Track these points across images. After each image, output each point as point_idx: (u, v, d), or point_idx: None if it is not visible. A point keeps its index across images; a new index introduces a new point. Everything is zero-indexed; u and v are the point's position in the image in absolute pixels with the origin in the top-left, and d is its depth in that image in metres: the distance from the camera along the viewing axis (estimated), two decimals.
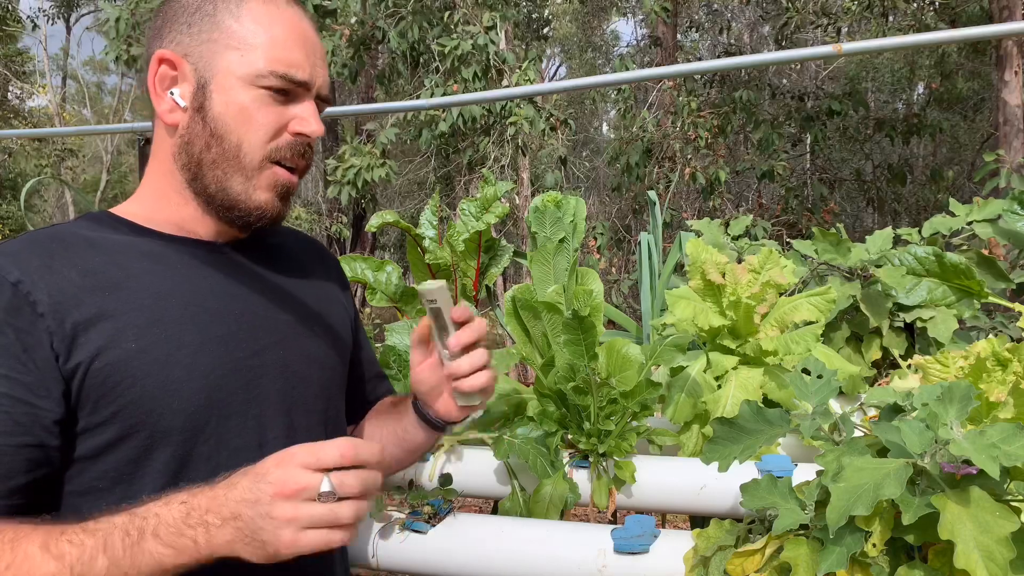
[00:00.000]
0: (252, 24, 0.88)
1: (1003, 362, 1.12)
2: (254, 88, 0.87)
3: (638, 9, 9.94)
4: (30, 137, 13.61)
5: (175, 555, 0.71)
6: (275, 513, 0.70)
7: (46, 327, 0.77)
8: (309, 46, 0.91)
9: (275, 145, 0.89)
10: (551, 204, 1.72)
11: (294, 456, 0.72)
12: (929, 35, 1.42)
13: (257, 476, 0.72)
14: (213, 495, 0.73)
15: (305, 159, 0.93)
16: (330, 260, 1.13)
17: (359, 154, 6.93)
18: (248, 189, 0.89)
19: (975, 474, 0.80)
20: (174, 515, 0.72)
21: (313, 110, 0.91)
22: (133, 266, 0.85)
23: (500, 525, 1.24)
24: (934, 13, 8.87)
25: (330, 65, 6.86)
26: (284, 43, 0.88)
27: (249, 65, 0.87)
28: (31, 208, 16.97)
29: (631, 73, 5.13)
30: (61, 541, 0.71)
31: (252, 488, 0.71)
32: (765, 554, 0.94)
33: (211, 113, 0.87)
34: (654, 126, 8.50)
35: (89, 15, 21.05)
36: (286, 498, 0.70)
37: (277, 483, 0.71)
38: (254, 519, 0.71)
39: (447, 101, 2.39)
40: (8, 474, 0.75)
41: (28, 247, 0.82)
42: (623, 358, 1.44)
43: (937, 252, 1.67)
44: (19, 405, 0.75)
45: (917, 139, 9.87)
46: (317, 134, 0.91)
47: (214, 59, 0.88)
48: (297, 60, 0.89)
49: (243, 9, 0.89)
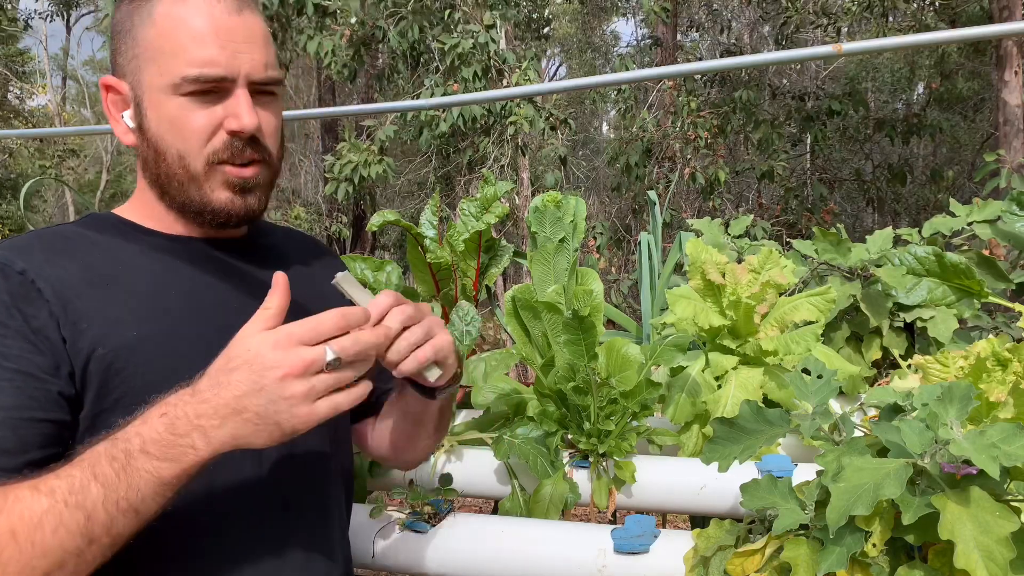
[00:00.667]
0: (162, 31, 0.86)
1: (1003, 362, 1.12)
2: (176, 96, 0.86)
3: (638, 9, 9.94)
4: (30, 137, 13.62)
5: (172, 465, 0.71)
6: (288, 393, 0.71)
7: (51, 312, 0.79)
8: (224, 34, 0.86)
9: (212, 148, 0.87)
10: (551, 204, 1.72)
11: (292, 335, 0.73)
12: (929, 35, 1.43)
13: (252, 366, 0.72)
14: (199, 399, 0.72)
15: (250, 153, 0.89)
16: (328, 258, 1.14)
17: (356, 150, 6.92)
18: (204, 194, 0.89)
19: (975, 474, 0.80)
20: (157, 429, 0.72)
21: (243, 103, 0.87)
22: (132, 261, 0.88)
23: (500, 525, 1.24)
24: (934, 13, 8.87)
25: (330, 65, 6.86)
26: (193, 43, 0.85)
27: (165, 75, 0.86)
28: (31, 208, 16.98)
29: (631, 73, 5.13)
30: (49, 479, 0.71)
31: (252, 379, 0.71)
32: (765, 554, 0.94)
33: (150, 131, 0.89)
34: (654, 126, 8.51)
35: (89, 15, 21.06)
36: (297, 376, 0.71)
37: (283, 365, 0.71)
38: (265, 406, 0.71)
39: (447, 101, 2.39)
40: (23, 447, 0.75)
41: (32, 243, 0.85)
42: (623, 358, 1.44)
43: (937, 252, 1.67)
44: (32, 381, 0.77)
45: (917, 139, 9.88)
46: (248, 128, 0.87)
47: (141, 76, 0.88)
48: (209, 56, 0.85)
49: (155, 15, 0.87)
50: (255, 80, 0.88)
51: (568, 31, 17.59)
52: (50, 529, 0.68)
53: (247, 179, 0.90)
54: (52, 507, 0.69)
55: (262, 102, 0.90)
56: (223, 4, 0.87)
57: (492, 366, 1.60)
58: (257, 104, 0.89)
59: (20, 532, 0.68)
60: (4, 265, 0.81)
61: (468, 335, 1.56)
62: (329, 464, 0.99)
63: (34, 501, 0.69)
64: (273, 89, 0.91)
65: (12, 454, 0.74)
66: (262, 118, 0.89)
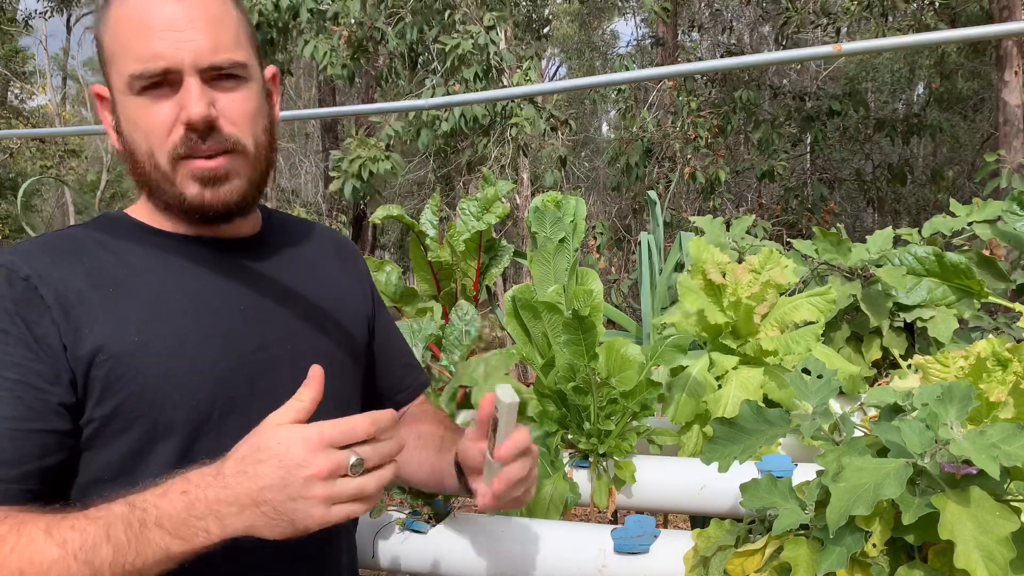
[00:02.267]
0: (113, 33, 0.86)
1: (1003, 362, 1.12)
2: (133, 96, 0.85)
3: (638, 9, 9.95)
4: (30, 137, 13.61)
5: (183, 543, 0.72)
6: (310, 493, 0.71)
7: (52, 319, 0.79)
8: (162, 24, 0.83)
9: (171, 143, 0.85)
10: (551, 204, 1.72)
11: (324, 436, 0.72)
12: (929, 35, 1.42)
13: (282, 460, 0.71)
14: (221, 484, 0.72)
15: (211, 145, 0.85)
16: (348, 253, 1.12)
17: (364, 146, 6.90)
18: (176, 190, 0.88)
19: (975, 474, 0.80)
20: (176, 507, 0.72)
21: (191, 92, 0.83)
22: (138, 264, 0.88)
23: (500, 525, 1.24)
24: (934, 13, 8.87)
25: (328, 67, 6.85)
26: (136, 39, 0.83)
27: (121, 76, 0.85)
28: (31, 208, 16.98)
29: (631, 73, 5.13)
30: (63, 527, 0.71)
31: (280, 474, 0.71)
32: (765, 554, 0.94)
33: (122, 133, 0.89)
34: (654, 126, 8.50)
35: (89, 15, 21.05)
36: (323, 479, 0.71)
37: (312, 465, 0.71)
38: (284, 503, 0.71)
39: (448, 101, 2.38)
40: (22, 458, 0.76)
41: (40, 247, 0.85)
42: (623, 358, 1.44)
43: (937, 252, 1.67)
44: (31, 391, 0.77)
45: (917, 139, 9.87)
46: (195, 117, 0.83)
47: (110, 80, 0.89)
48: (151, 50, 0.83)
49: (108, 20, 0.87)
50: (205, 66, 0.84)
51: (568, 31, 17.59)
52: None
53: (213, 170, 0.86)
54: (62, 558, 0.70)
55: (224, 87, 0.86)
56: None
57: (492, 366, 1.60)
58: (218, 90, 0.86)
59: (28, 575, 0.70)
60: (10, 272, 0.81)
61: (468, 335, 1.56)
62: None
63: (46, 547, 0.70)
64: (235, 72, 0.87)
65: (10, 465, 0.75)
66: (224, 104, 0.86)
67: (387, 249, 14.51)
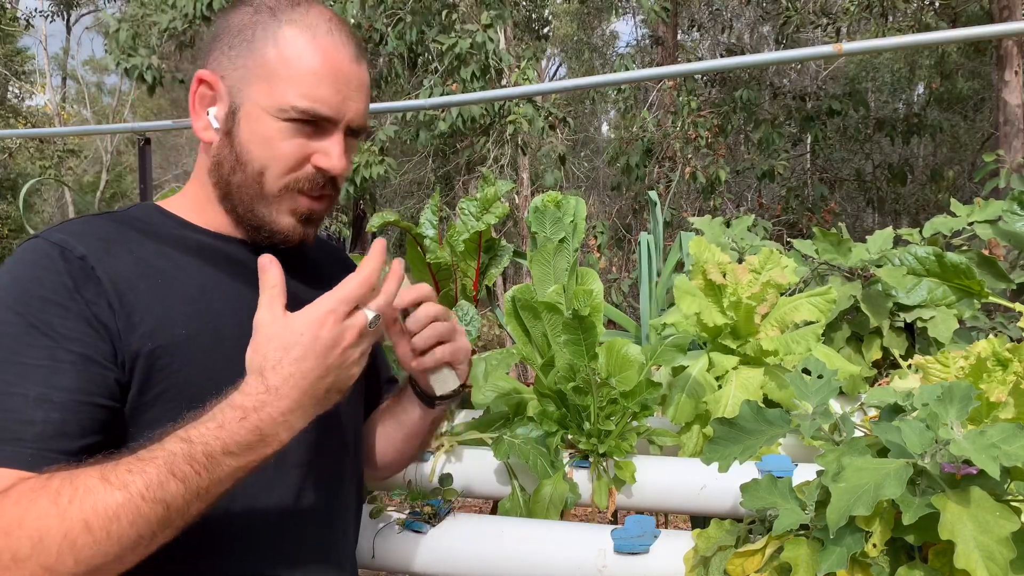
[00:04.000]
0: (284, 54, 0.88)
1: (1003, 362, 1.12)
2: (279, 120, 0.88)
3: (638, 9, 9.94)
4: (30, 137, 13.61)
5: (256, 458, 0.76)
6: (348, 361, 0.80)
7: (108, 303, 0.80)
8: (342, 79, 0.90)
9: (295, 176, 0.90)
10: (551, 204, 1.72)
11: (336, 313, 0.79)
12: (929, 35, 1.42)
13: (316, 351, 0.77)
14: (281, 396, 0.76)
15: (328, 190, 0.93)
16: (350, 267, 1.14)
17: (358, 151, 6.94)
18: (271, 214, 0.92)
19: (975, 474, 0.80)
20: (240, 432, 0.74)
21: (338, 145, 0.91)
22: (181, 259, 0.89)
23: (500, 525, 1.24)
24: (934, 13, 8.87)
25: None
26: (312, 77, 0.88)
27: (275, 98, 0.87)
28: (31, 208, 16.97)
29: (631, 73, 5.13)
30: (120, 471, 0.71)
31: (321, 363, 0.77)
32: (765, 554, 0.94)
33: (238, 139, 0.90)
34: (654, 126, 8.50)
35: (89, 15, 21.05)
36: (353, 346, 0.80)
37: (340, 341, 0.78)
38: (334, 381, 0.79)
39: (447, 101, 2.39)
40: (82, 431, 0.76)
41: (88, 230, 0.86)
42: (623, 358, 1.44)
43: (937, 252, 1.67)
44: (93, 366, 0.78)
45: (917, 139, 9.88)
46: (337, 170, 0.91)
47: (246, 86, 0.89)
48: (324, 95, 0.88)
49: (280, 37, 0.88)
50: (353, 127, 0.93)
51: (568, 31, 17.58)
52: (127, 521, 0.69)
53: (316, 211, 0.94)
54: (128, 501, 0.69)
55: (348, 146, 0.94)
56: (347, 50, 0.91)
57: (492, 366, 1.61)
58: (345, 148, 0.93)
59: (95, 524, 0.68)
60: (64, 249, 0.81)
61: (468, 335, 1.55)
62: (345, 468, 1.00)
63: (107, 494, 0.69)
64: (361, 137, 0.97)
65: (72, 437, 0.75)
66: (344, 160, 0.93)
67: (387, 249, 14.47)
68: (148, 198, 2.89)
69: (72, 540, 0.67)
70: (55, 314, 0.77)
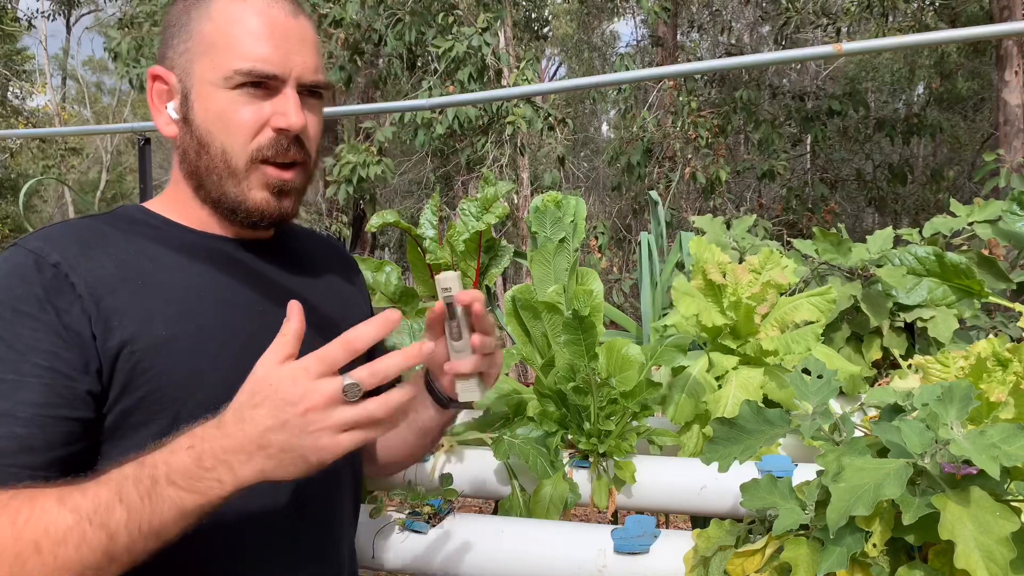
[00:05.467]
0: (219, 25, 0.88)
1: (1003, 362, 1.12)
2: (226, 90, 0.87)
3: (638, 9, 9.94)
4: (30, 137, 13.61)
5: (197, 497, 0.72)
6: (311, 427, 0.71)
7: (83, 308, 0.79)
8: (279, 34, 0.88)
9: (256, 144, 0.89)
10: (551, 204, 1.72)
11: (307, 371, 0.73)
12: (929, 35, 1.42)
13: (274, 401, 0.72)
14: (224, 433, 0.72)
15: (294, 153, 0.91)
16: (350, 263, 1.15)
17: (355, 151, 6.95)
18: (242, 192, 0.90)
19: (975, 474, 0.80)
20: (184, 461, 0.72)
21: (291, 102, 0.89)
22: (164, 259, 0.88)
23: (500, 525, 1.24)
24: (934, 13, 8.87)
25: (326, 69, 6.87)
26: (249, 37, 0.87)
27: (217, 68, 0.87)
28: (31, 208, 16.97)
29: (631, 73, 5.13)
30: (75, 494, 0.71)
31: (275, 414, 0.72)
32: (765, 554, 0.94)
33: (195, 122, 0.89)
34: (654, 126, 8.50)
35: (89, 15, 21.05)
36: (319, 410, 0.71)
37: (303, 400, 0.71)
38: (288, 441, 0.71)
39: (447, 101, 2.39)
40: (49, 445, 0.76)
41: (66, 234, 0.85)
42: (623, 358, 1.44)
43: (937, 252, 1.67)
44: (60, 379, 0.77)
45: (917, 139, 9.88)
46: (296, 127, 0.89)
47: (191, 68, 0.89)
48: (263, 53, 0.87)
49: (213, 10, 0.89)
50: (304, 82, 0.90)
51: (567, 31, 17.58)
52: (73, 546, 0.69)
53: (286, 181, 0.91)
54: (77, 524, 0.69)
55: (308, 105, 0.92)
56: (280, 6, 0.90)
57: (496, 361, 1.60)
58: (303, 106, 0.90)
59: (44, 546, 0.68)
60: (38, 257, 0.81)
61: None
62: (342, 469, 1.00)
63: (59, 516, 0.69)
64: (318, 93, 0.93)
65: (39, 452, 0.75)
66: (307, 120, 0.91)
67: (387, 249, 14.50)
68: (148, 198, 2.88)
69: (23, 562, 0.68)
70: (24, 325, 0.77)
